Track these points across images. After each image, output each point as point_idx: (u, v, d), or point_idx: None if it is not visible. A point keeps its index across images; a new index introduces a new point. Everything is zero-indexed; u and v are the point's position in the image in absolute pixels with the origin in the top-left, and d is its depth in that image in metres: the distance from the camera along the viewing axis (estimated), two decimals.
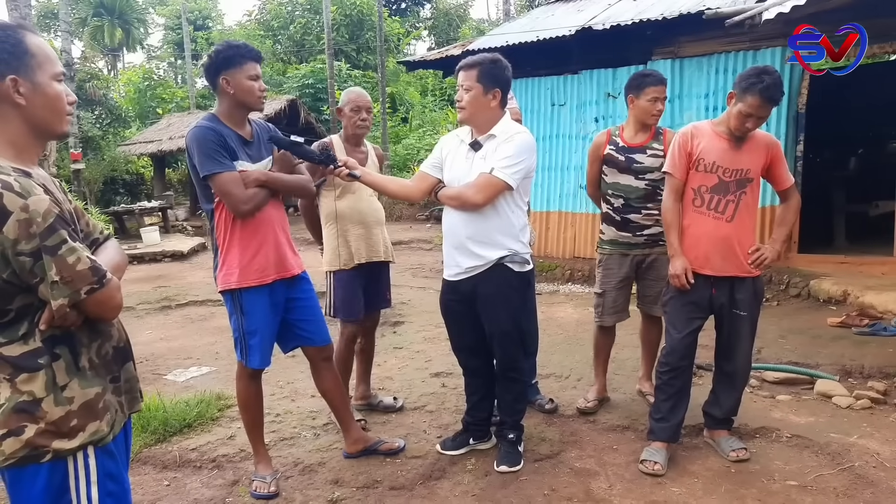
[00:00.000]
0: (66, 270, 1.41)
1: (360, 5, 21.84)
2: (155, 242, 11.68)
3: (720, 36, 6.41)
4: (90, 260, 1.46)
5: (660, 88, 3.40)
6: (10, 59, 1.45)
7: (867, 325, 4.85)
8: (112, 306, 1.52)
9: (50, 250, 1.39)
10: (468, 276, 2.92)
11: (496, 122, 2.87)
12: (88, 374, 1.55)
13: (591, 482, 2.86)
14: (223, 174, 2.60)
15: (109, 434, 1.57)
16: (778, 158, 2.98)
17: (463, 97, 2.85)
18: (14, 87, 1.45)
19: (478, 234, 2.86)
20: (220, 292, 2.82)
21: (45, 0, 32.14)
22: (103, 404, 1.57)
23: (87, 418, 1.52)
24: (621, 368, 4.26)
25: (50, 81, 1.51)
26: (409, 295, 7.08)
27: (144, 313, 6.87)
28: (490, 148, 2.85)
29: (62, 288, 1.40)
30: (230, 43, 2.71)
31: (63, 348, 1.51)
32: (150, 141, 16.95)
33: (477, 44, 8.77)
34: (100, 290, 1.46)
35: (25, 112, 1.48)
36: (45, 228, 1.39)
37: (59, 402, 1.49)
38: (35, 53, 1.48)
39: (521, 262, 2.91)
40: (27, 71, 1.47)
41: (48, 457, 1.48)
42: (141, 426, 3.48)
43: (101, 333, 1.60)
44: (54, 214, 1.41)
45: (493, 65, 2.83)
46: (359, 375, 3.77)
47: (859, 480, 2.79)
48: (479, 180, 2.79)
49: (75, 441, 1.50)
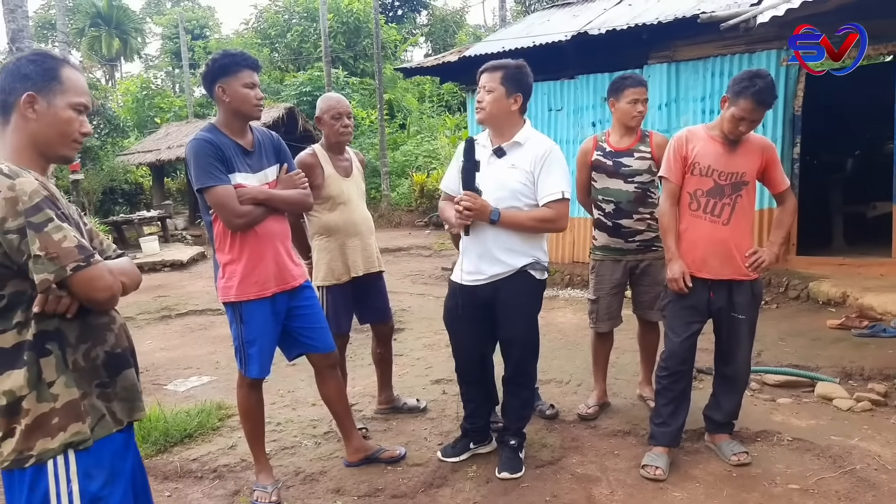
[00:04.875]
0: (51, 246, 1.45)
1: (357, 13, 21.90)
2: (154, 252, 11.67)
3: (715, 39, 6.44)
4: (77, 239, 1.49)
5: (639, 90, 3.42)
6: (37, 79, 1.58)
7: (867, 327, 4.85)
8: (100, 286, 1.53)
9: (35, 227, 1.44)
10: (489, 283, 2.91)
11: (517, 129, 2.88)
12: (74, 374, 1.57)
13: (593, 488, 2.86)
14: (217, 188, 2.60)
15: (91, 438, 1.58)
16: (773, 161, 2.99)
17: (484, 98, 2.86)
18: (29, 103, 1.56)
19: (507, 242, 2.86)
20: (222, 301, 2.82)
21: (42, 11, 32.26)
22: (84, 407, 1.58)
23: (70, 418, 1.55)
24: (622, 373, 4.26)
25: (66, 107, 1.61)
26: (408, 302, 7.07)
27: (144, 323, 6.86)
28: (519, 157, 2.84)
29: (47, 263, 1.44)
30: (226, 51, 2.72)
31: (53, 344, 1.54)
32: (148, 150, 16.98)
33: (473, 50, 8.80)
34: (86, 267, 1.49)
35: (34, 127, 1.58)
36: (31, 206, 1.45)
37: (43, 399, 1.52)
38: (62, 81, 1.61)
39: (541, 270, 2.93)
40: (48, 92, 1.59)
41: (32, 461, 1.51)
42: (142, 437, 3.48)
43: (92, 336, 1.61)
44: (42, 195, 1.47)
45: (518, 70, 2.86)
46: (381, 381, 3.83)
47: (861, 483, 2.79)
48: (559, 209, 2.81)
49: (56, 441, 1.52)
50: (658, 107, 6.93)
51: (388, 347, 3.82)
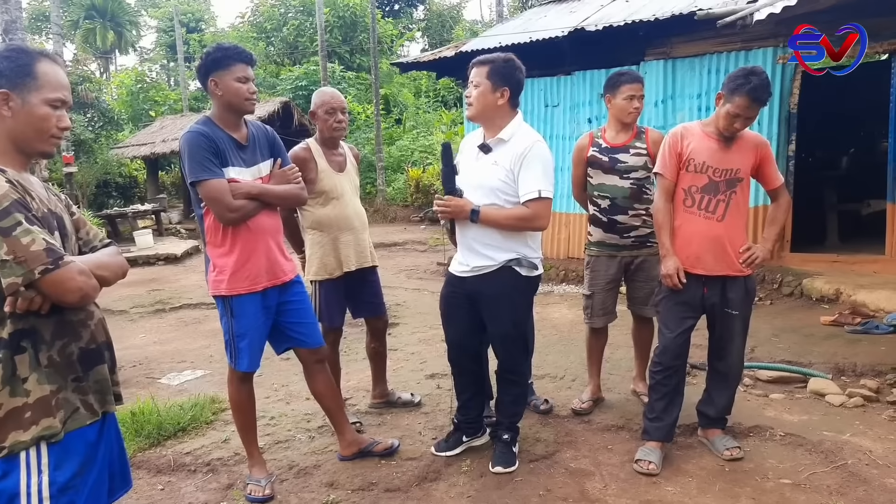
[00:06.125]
0: (19, 250, 1.47)
1: (353, 7, 21.83)
2: (148, 245, 11.64)
3: (712, 36, 6.44)
4: (46, 242, 1.51)
5: (635, 86, 3.42)
6: (11, 76, 1.59)
7: (859, 324, 4.88)
8: (69, 288, 1.54)
9: (3, 231, 1.47)
10: (474, 276, 2.91)
11: (505, 123, 2.85)
12: (47, 371, 1.60)
13: (586, 482, 2.87)
14: (210, 181, 2.59)
15: (62, 431, 1.62)
16: (767, 158, 3.00)
17: (472, 93, 2.85)
18: (3, 100, 1.57)
19: (486, 238, 2.85)
20: (212, 295, 2.81)
21: (36, 2, 32.02)
22: (56, 402, 1.62)
23: (41, 413, 1.58)
24: (616, 369, 4.27)
25: (41, 104, 1.61)
26: (403, 297, 7.07)
27: (138, 316, 6.85)
28: (502, 154, 2.82)
29: (14, 267, 1.47)
30: (220, 45, 2.72)
31: (28, 342, 1.57)
32: (142, 144, 16.89)
33: (470, 45, 8.78)
34: (55, 270, 1.51)
35: (10, 125, 1.60)
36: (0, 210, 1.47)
37: (15, 394, 1.56)
38: (38, 77, 1.60)
39: (528, 267, 2.90)
40: (22, 89, 1.59)
41: (4, 452, 1.54)
42: (135, 430, 3.48)
43: (67, 333, 1.65)
44: (11, 199, 1.49)
45: (505, 63, 2.82)
46: (375, 375, 3.83)
47: (852, 478, 2.81)
48: (537, 208, 2.76)
49: (28, 434, 1.56)
50: (654, 103, 6.94)
51: (383, 342, 3.82)
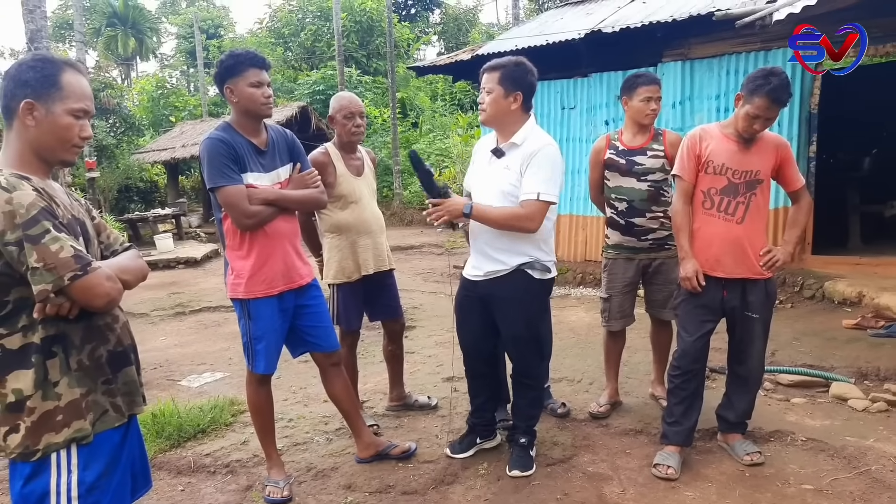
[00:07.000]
0: (48, 258, 1.50)
1: (370, 12, 21.93)
2: (168, 249, 11.77)
3: (730, 37, 6.38)
4: (74, 249, 1.54)
5: (652, 88, 3.41)
6: (36, 86, 1.61)
7: (883, 327, 4.80)
8: (98, 293, 1.58)
9: (32, 239, 1.49)
10: (487, 279, 2.91)
11: (518, 127, 2.85)
12: (77, 374, 1.64)
13: (604, 487, 2.85)
14: (228, 187, 2.62)
15: (91, 434, 1.66)
16: (787, 159, 2.96)
17: (484, 99, 2.85)
18: (28, 110, 1.60)
19: (498, 242, 2.85)
20: (230, 298, 2.84)
21: (60, 11, 32.63)
22: (87, 404, 1.66)
23: (72, 416, 1.62)
24: (634, 372, 4.24)
25: (64, 114, 1.63)
26: (420, 299, 7.08)
27: (159, 319, 6.93)
28: (513, 158, 2.81)
29: (44, 274, 1.49)
30: (232, 52, 2.75)
31: (59, 347, 1.61)
32: (163, 149, 17.12)
33: (486, 48, 8.79)
34: (83, 276, 1.54)
35: (33, 134, 1.62)
36: (29, 219, 1.49)
37: (48, 398, 1.59)
38: (62, 87, 1.63)
39: (541, 270, 2.88)
40: (47, 99, 1.61)
41: (38, 455, 1.58)
42: (156, 431, 3.52)
43: (96, 337, 1.69)
44: (38, 207, 1.52)
45: (516, 67, 2.80)
46: (392, 378, 3.86)
47: (876, 484, 2.76)
48: (531, 210, 2.72)
49: (61, 436, 1.60)
50: (672, 105, 6.89)
51: (400, 345, 3.83)
